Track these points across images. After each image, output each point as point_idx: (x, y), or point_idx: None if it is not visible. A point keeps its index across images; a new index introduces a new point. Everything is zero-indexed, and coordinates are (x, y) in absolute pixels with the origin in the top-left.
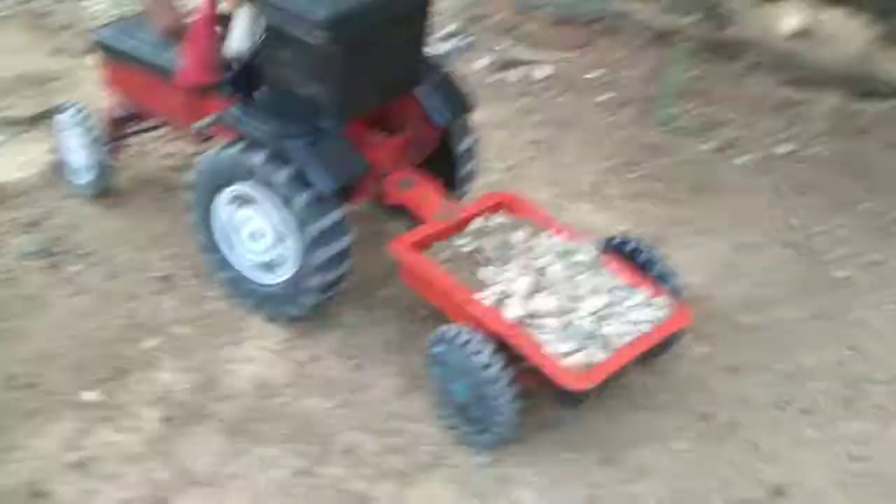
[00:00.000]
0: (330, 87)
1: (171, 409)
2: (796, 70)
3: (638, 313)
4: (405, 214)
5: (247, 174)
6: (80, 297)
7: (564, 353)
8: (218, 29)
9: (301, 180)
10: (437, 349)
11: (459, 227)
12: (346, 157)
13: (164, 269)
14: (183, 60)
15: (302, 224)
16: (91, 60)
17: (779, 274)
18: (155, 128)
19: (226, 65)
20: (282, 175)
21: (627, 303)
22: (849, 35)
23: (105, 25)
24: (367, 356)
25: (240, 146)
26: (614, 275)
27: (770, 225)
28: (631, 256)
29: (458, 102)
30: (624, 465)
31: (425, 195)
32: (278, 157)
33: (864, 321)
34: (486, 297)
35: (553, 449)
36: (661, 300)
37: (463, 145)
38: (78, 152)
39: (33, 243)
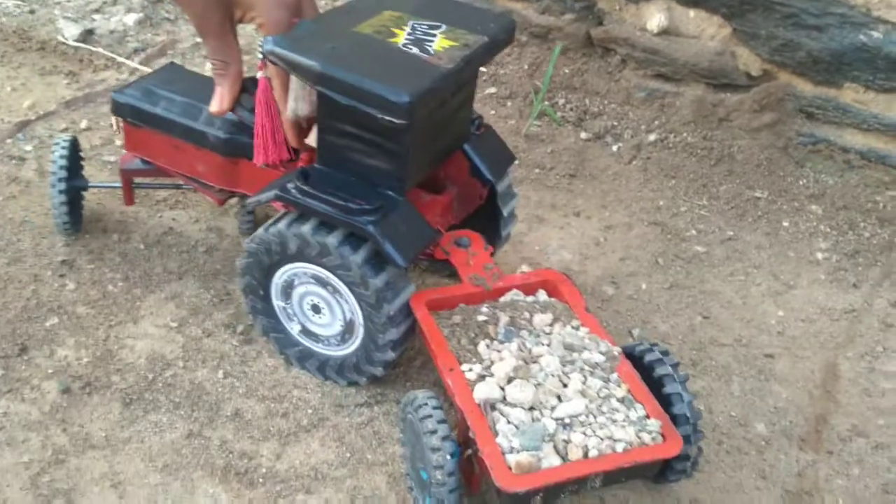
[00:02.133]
0: (397, 159)
1: (70, 381)
2: (663, 65)
3: (621, 430)
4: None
5: (317, 255)
6: None
7: (512, 448)
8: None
9: (377, 259)
10: (404, 410)
11: (492, 295)
12: (416, 227)
13: (67, 254)
14: (256, 140)
15: (378, 305)
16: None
17: (642, 250)
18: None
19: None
20: (358, 257)
21: (616, 416)
22: (707, 33)
23: (128, 86)
24: (257, 332)
25: (310, 225)
26: (619, 383)
27: (638, 206)
28: (650, 367)
29: (503, 156)
30: None
31: (468, 256)
32: (352, 236)
33: (716, 291)
34: (468, 372)
35: None
36: (656, 424)
37: (507, 199)
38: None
39: None
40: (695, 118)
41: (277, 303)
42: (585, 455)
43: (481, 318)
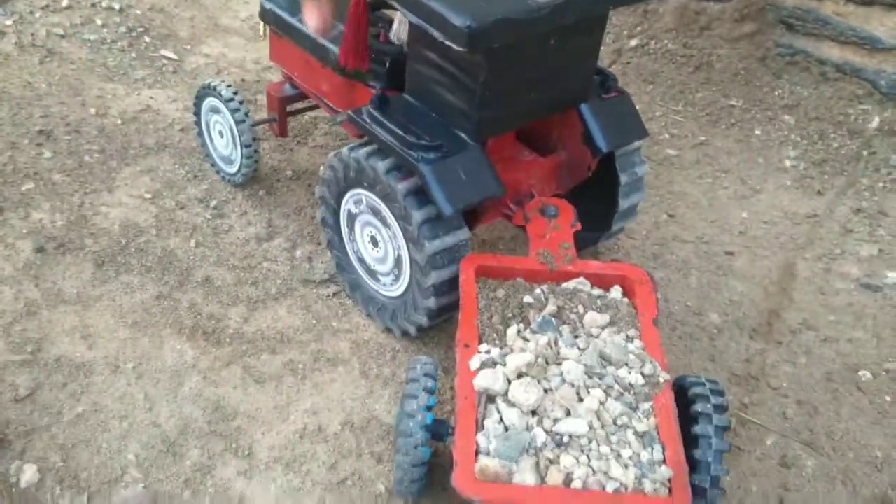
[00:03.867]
0: (471, 98)
1: (44, 241)
2: None
3: (621, 469)
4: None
5: (371, 180)
6: None
7: (489, 450)
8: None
9: (423, 196)
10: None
11: (556, 277)
12: (478, 177)
13: (45, 125)
14: (343, 46)
15: (419, 241)
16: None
17: None
18: (314, 107)
19: (385, 54)
20: (402, 187)
21: (624, 451)
22: None
23: None
24: (231, 207)
25: (367, 149)
26: (649, 415)
27: None
28: (692, 401)
29: (629, 127)
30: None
31: (547, 229)
32: (403, 168)
33: (684, 192)
34: (484, 353)
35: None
36: (667, 473)
37: (626, 177)
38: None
39: None
40: (677, 26)
41: (345, 230)
42: (567, 483)
43: (528, 299)
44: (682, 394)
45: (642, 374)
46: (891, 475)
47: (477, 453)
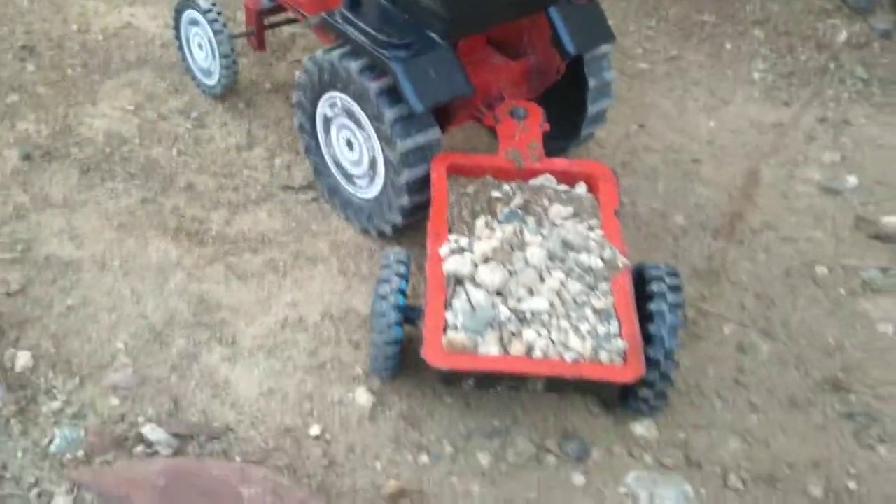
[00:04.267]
0: None
1: (31, 149)
2: None
3: (578, 340)
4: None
5: (344, 82)
6: None
7: (456, 326)
8: None
9: (395, 95)
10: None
11: (524, 175)
12: (448, 77)
13: (27, 41)
14: None
15: (392, 140)
16: None
17: None
18: (292, 21)
19: None
20: (374, 87)
21: (582, 325)
22: None
23: None
24: (211, 118)
25: (340, 51)
26: (607, 294)
27: None
28: (648, 282)
29: (596, 31)
30: None
31: (517, 130)
32: (375, 68)
33: (654, 104)
34: (454, 242)
35: None
36: (621, 345)
37: (595, 81)
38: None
39: None
40: None
41: (321, 135)
42: (528, 354)
43: (496, 193)
44: (641, 279)
45: (602, 258)
46: (842, 360)
47: (445, 329)
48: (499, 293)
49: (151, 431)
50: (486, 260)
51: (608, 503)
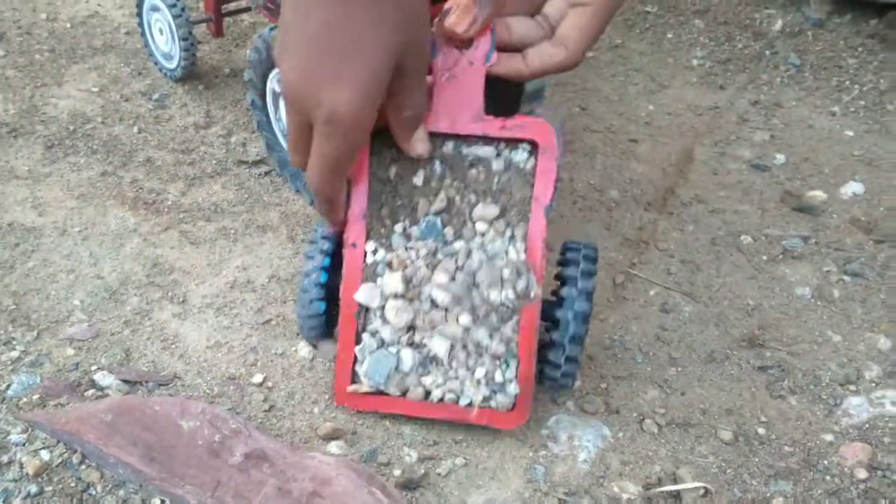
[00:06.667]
0: None
1: None
2: None
3: (475, 388)
4: None
5: None
6: None
7: (360, 371)
8: None
9: None
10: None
11: (459, 125)
12: None
13: None
14: None
15: None
16: None
17: None
18: (248, 9)
19: None
20: None
21: (479, 371)
22: None
23: None
24: (172, 99)
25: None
26: (511, 333)
27: None
28: (564, 263)
29: None
30: None
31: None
32: None
33: (596, 89)
34: (370, 254)
35: None
36: (513, 392)
37: None
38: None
39: None
40: None
41: (272, 110)
42: (426, 398)
43: (417, 180)
44: (562, 254)
45: (514, 289)
46: (760, 319)
47: (354, 363)
48: (410, 328)
49: (103, 378)
50: (396, 296)
51: (529, 442)
